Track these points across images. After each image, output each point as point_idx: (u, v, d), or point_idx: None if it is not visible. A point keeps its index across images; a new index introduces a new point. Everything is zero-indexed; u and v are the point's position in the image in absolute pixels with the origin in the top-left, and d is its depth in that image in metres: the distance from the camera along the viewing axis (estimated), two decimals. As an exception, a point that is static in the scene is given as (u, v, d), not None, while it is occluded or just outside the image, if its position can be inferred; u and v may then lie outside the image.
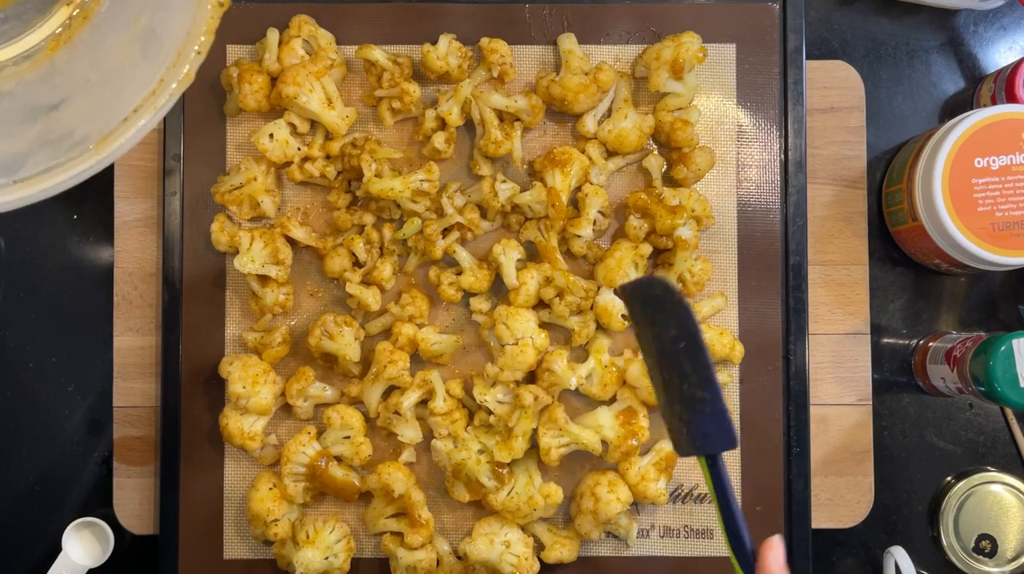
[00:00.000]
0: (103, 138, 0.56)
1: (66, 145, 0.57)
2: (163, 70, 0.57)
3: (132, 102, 0.57)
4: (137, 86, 0.58)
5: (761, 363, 0.75)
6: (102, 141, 0.56)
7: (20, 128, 0.58)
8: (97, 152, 0.56)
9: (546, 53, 0.76)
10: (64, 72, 0.60)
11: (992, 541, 0.76)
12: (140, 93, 0.58)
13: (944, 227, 0.69)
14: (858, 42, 0.79)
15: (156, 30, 0.59)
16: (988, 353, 0.67)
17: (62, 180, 0.56)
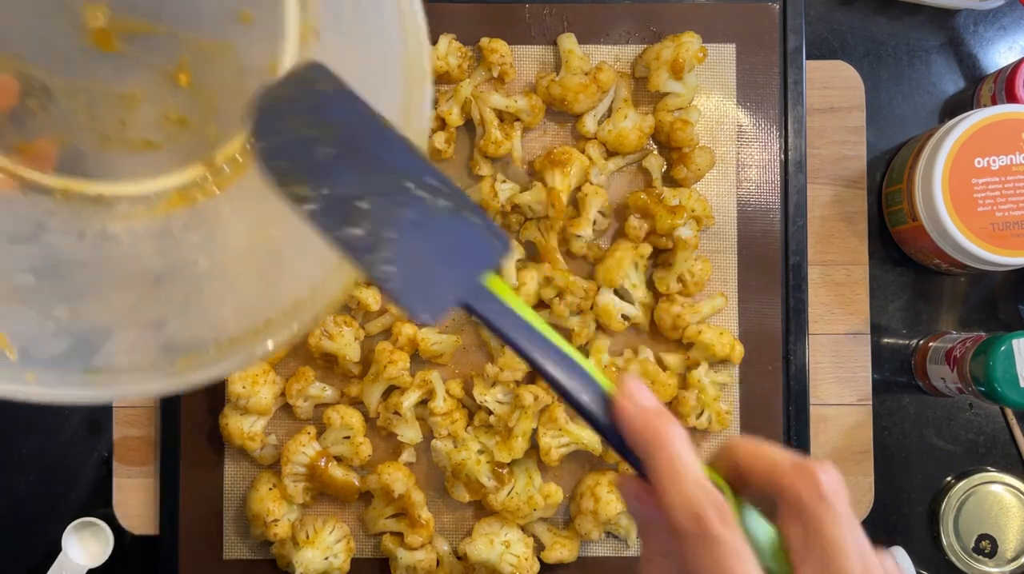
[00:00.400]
0: (188, 356, 0.47)
1: (152, 342, 0.48)
2: (271, 308, 0.47)
3: (228, 321, 0.48)
4: (240, 300, 0.49)
5: (761, 363, 0.75)
6: (186, 360, 0.47)
7: (114, 288, 0.50)
8: (174, 374, 0.46)
9: (546, 53, 0.76)
10: (176, 239, 0.53)
11: (992, 541, 0.76)
12: (241, 316, 0.48)
13: (944, 227, 0.69)
14: (858, 42, 0.79)
15: (284, 254, 0.50)
16: (988, 353, 0.67)
17: (130, 389, 0.46)
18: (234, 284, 0.51)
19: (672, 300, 0.74)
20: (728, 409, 0.74)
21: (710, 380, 0.74)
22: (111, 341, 0.47)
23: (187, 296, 0.51)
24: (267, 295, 0.50)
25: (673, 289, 0.74)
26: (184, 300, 0.51)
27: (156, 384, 0.46)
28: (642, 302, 0.75)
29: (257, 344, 0.47)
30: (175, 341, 0.48)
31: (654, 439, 0.36)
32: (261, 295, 0.50)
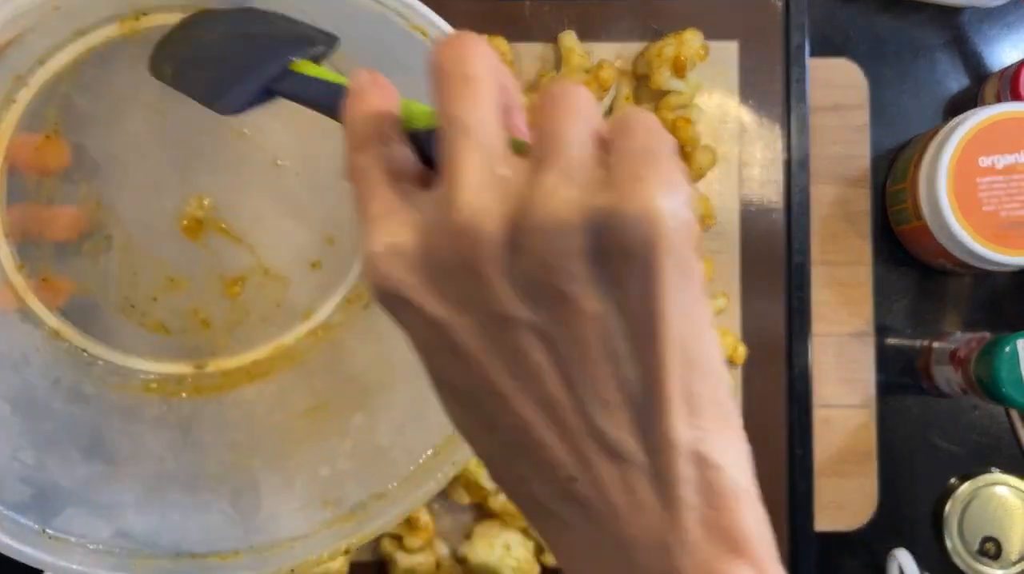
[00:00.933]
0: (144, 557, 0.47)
1: (106, 525, 0.48)
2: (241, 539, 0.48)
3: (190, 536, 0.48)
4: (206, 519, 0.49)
5: (764, 364, 0.75)
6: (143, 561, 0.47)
7: (77, 452, 0.50)
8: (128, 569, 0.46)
9: (546, 51, 0.76)
10: (144, 427, 0.52)
11: (996, 543, 0.76)
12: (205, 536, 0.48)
13: (948, 226, 0.69)
14: (862, 40, 0.79)
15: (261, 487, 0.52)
16: (993, 354, 0.67)
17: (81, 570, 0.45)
18: (204, 501, 0.51)
19: (674, 300, 0.73)
20: (730, 410, 0.74)
21: (712, 381, 0.73)
22: (72, 509, 0.47)
23: (150, 491, 0.50)
24: (239, 524, 0.50)
25: (675, 289, 0.73)
26: (146, 494, 0.50)
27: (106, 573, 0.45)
28: (643, 302, 0.74)
29: (217, 570, 0.47)
30: (131, 533, 0.47)
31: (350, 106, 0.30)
32: (232, 522, 0.50)
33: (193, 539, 0.49)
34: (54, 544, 0.45)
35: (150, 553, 0.47)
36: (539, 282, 0.25)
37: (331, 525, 0.50)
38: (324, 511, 0.50)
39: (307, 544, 0.48)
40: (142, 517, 0.49)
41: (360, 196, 0.28)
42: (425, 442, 0.49)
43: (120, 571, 0.46)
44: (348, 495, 0.50)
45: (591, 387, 0.25)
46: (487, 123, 0.26)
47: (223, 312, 0.55)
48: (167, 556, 0.47)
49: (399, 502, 0.49)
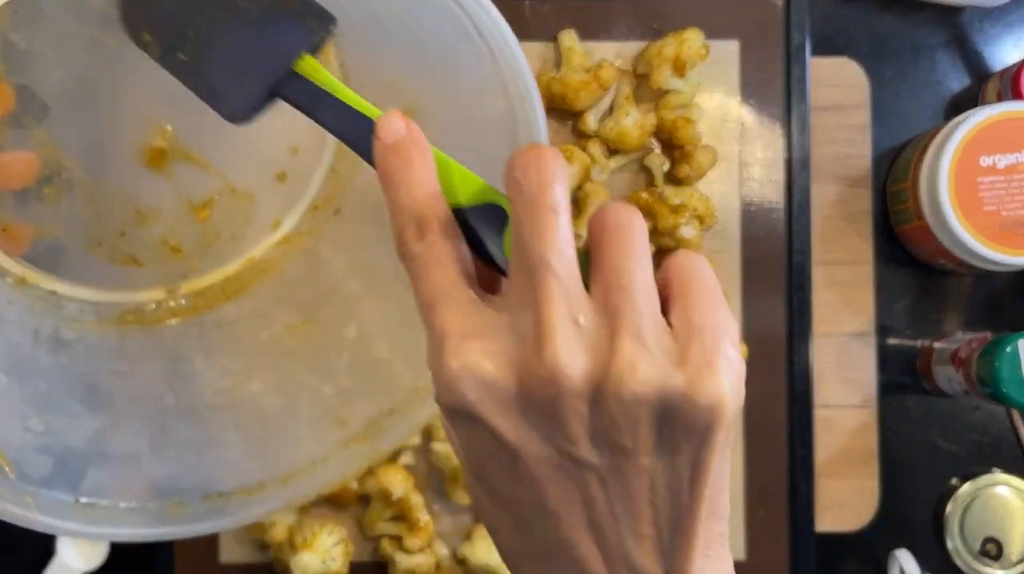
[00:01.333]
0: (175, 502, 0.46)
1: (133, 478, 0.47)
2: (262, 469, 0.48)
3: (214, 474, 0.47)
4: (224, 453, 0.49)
5: (764, 364, 0.75)
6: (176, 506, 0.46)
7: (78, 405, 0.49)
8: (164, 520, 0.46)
9: (547, 50, 0.76)
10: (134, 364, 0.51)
11: (998, 544, 0.76)
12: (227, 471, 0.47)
13: (949, 226, 0.68)
14: (862, 39, 0.79)
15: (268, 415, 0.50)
16: (994, 354, 0.67)
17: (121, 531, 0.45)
18: (214, 434, 0.50)
19: (674, 300, 0.73)
20: (731, 411, 0.73)
21: (713, 381, 0.73)
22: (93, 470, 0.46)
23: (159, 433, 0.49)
24: (255, 455, 0.49)
25: (675, 289, 0.73)
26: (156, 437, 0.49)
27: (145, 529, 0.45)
28: (644, 302, 0.74)
29: (247, 506, 0.47)
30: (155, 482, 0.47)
31: (384, 175, 0.32)
32: (248, 453, 0.49)
33: (216, 477, 0.48)
34: (89, 511, 0.44)
35: (179, 499, 0.46)
36: (607, 434, 0.28)
37: (347, 445, 0.48)
38: (336, 431, 0.49)
39: (328, 467, 0.48)
40: (160, 463, 0.48)
41: (425, 294, 0.30)
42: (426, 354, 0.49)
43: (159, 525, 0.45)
44: (357, 413, 0.49)
45: (631, 521, 0.29)
46: (571, 264, 0.29)
47: (193, 237, 0.53)
48: (196, 500, 0.47)
49: (409, 416, 0.48)
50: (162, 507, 0.47)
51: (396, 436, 0.49)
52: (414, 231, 0.30)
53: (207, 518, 0.47)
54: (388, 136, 0.32)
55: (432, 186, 0.31)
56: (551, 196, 0.29)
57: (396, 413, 0.49)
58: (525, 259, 0.29)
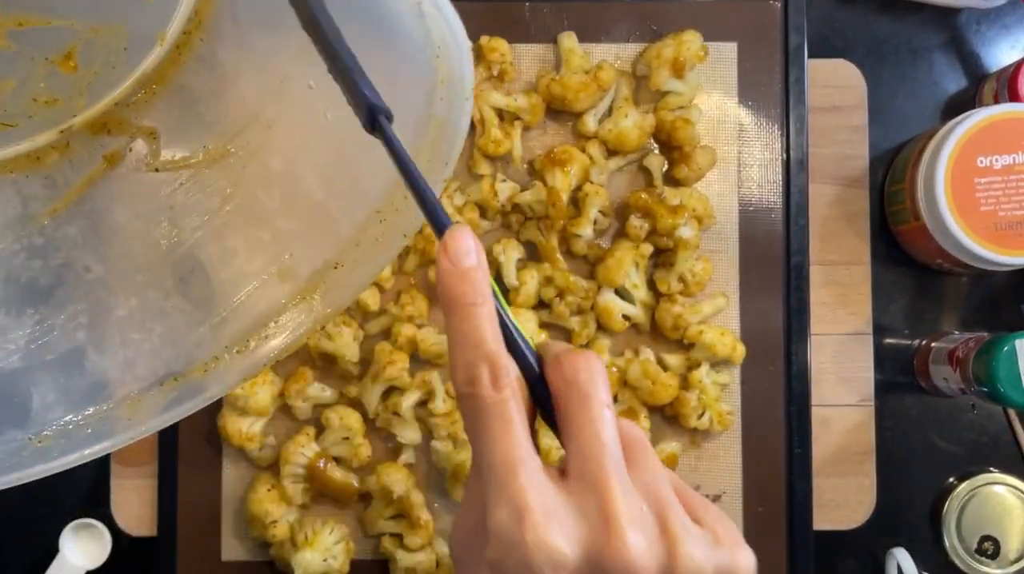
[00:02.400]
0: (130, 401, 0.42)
1: (78, 386, 0.43)
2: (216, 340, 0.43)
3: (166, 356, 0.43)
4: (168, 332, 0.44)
5: (762, 363, 0.75)
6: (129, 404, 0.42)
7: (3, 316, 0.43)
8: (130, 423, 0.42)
9: (546, 52, 0.76)
10: (47, 234, 0.45)
11: (995, 542, 0.76)
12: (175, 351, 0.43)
13: (946, 227, 0.69)
14: (860, 41, 0.79)
15: (204, 266, 0.46)
16: (991, 353, 0.67)
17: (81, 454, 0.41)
18: (154, 302, 0.45)
19: (673, 300, 0.73)
20: (729, 410, 0.74)
21: (711, 380, 0.73)
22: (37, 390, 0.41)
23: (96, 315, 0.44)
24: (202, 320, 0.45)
25: (674, 289, 0.73)
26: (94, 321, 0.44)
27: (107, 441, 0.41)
28: (643, 302, 0.74)
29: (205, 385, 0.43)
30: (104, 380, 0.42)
31: (454, 299, 0.33)
32: (195, 319, 0.45)
33: (167, 356, 0.44)
34: (48, 443, 0.40)
35: (135, 392, 0.43)
36: None
37: (296, 301, 0.45)
38: (283, 285, 0.45)
39: (280, 328, 0.44)
40: (105, 356, 0.43)
41: (502, 453, 0.32)
42: (364, 203, 0.44)
43: (120, 433, 0.41)
44: (300, 263, 0.44)
45: None
46: (618, 447, 0.33)
47: (66, 85, 0.46)
48: (152, 387, 0.43)
49: (356, 269, 0.45)
50: (118, 409, 0.43)
51: (346, 292, 0.45)
52: (489, 376, 0.32)
53: (169, 408, 0.44)
54: (459, 259, 0.33)
55: (497, 328, 0.33)
56: (598, 390, 0.33)
57: (342, 267, 0.45)
58: (585, 453, 0.33)
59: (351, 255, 0.46)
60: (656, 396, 0.72)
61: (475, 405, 0.33)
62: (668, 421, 0.75)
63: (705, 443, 0.75)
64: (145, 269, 0.46)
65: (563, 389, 0.33)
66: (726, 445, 0.75)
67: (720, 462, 0.75)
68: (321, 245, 0.46)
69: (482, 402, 0.33)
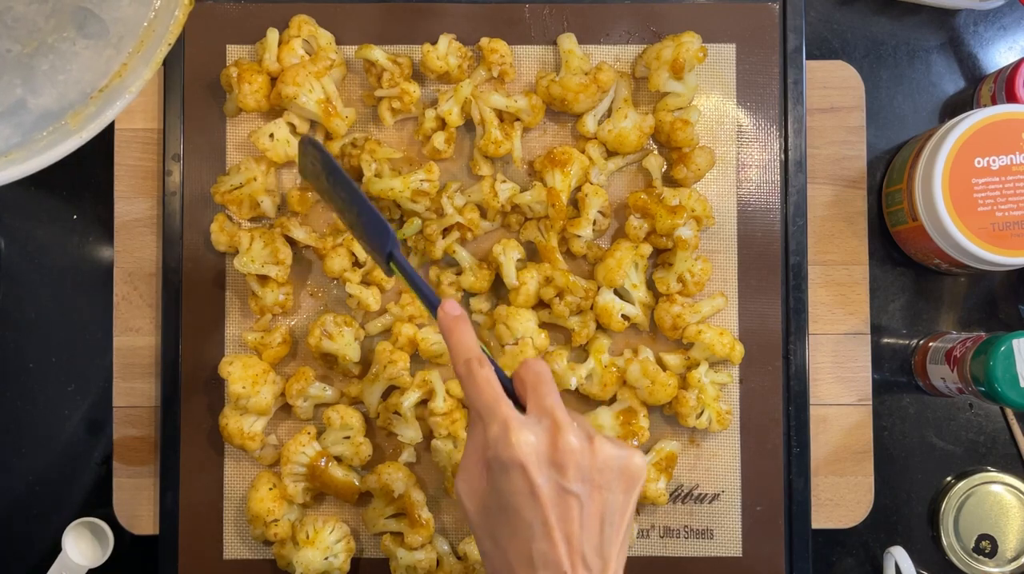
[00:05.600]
0: (74, 113, 0.60)
1: (27, 119, 0.60)
2: (121, 54, 0.62)
3: (87, 80, 0.61)
4: (84, 64, 0.62)
5: (761, 363, 0.75)
6: (74, 116, 0.59)
7: None
8: (74, 131, 0.59)
9: (546, 53, 0.76)
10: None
11: (992, 541, 0.76)
12: (94, 73, 0.61)
13: (944, 227, 0.69)
14: (858, 42, 0.79)
15: (92, 10, 0.62)
16: (988, 353, 0.67)
17: (43, 159, 0.57)
18: (62, 51, 0.63)
19: (672, 300, 0.74)
20: (728, 409, 0.74)
21: (710, 380, 0.74)
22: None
23: (25, 77, 0.63)
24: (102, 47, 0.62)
25: (673, 289, 0.74)
26: (25, 81, 0.62)
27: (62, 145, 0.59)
28: (642, 302, 0.75)
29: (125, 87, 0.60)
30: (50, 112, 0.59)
31: (448, 330, 0.57)
32: (97, 49, 0.63)
33: (87, 80, 0.61)
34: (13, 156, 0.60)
35: (73, 110, 0.60)
36: (589, 476, 0.53)
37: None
38: None
39: (161, 20, 0.61)
40: (42, 97, 0.60)
41: (488, 396, 0.54)
42: None
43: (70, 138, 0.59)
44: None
45: (588, 533, 0.52)
46: (559, 397, 0.55)
47: None
48: (85, 103, 0.60)
49: None
50: (66, 124, 0.60)
51: None
52: (477, 362, 0.55)
53: (103, 110, 0.60)
54: (452, 311, 0.58)
55: (477, 342, 0.57)
56: (548, 374, 0.56)
57: None
58: (540, 397, 0.54)
59: None
60: (655, 395, 0.72)
61: (471, 377, 0.55)
62: (667, 420, 0.75)
63: (704, 442, 0.75)
64: (51, 32, 0.62)
65: (527, 373, 0.55)
66: (725, 444, 0.75)
67: (719, 461, 0.75)
68: None
69: (474, 374, 0.55)
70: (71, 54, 0.61)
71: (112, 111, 0.60)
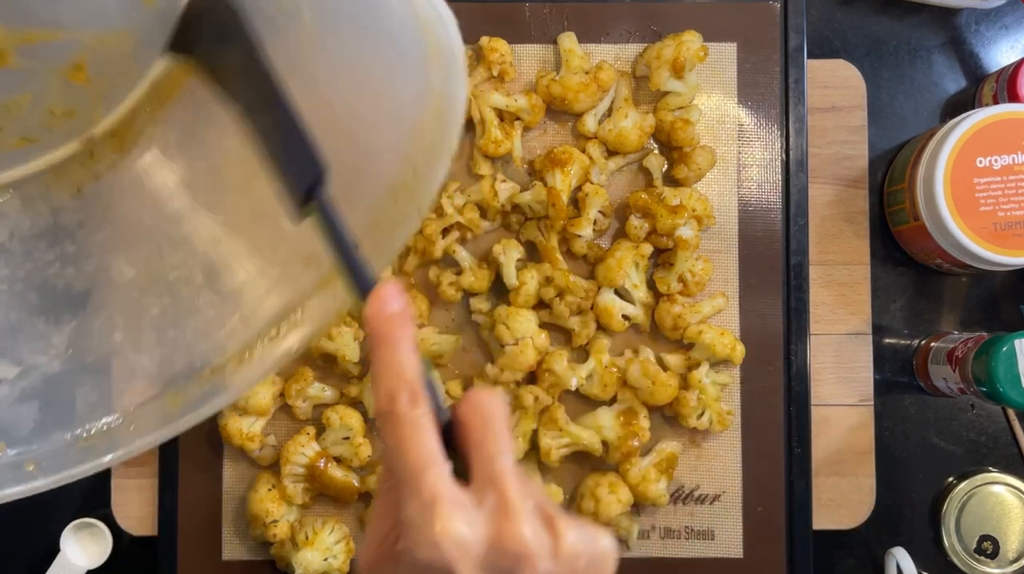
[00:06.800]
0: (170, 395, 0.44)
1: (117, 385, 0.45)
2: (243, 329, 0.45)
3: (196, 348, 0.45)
4: (197, 321, 0.45)
5: (762, 363, 0.75)
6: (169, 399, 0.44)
7: (37, 318, 0.44)
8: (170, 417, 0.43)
9: (546, 52, 0.76)
10: (78, 242, 0.47)
11: (994, 542, 0.76)
12: (207, 341, 0.45)
13: (946, 227, 0.69)
14: (859, 41, 0.79)
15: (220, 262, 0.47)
16: (990, 353, 0.67)
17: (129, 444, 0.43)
18: (185, 298, 0.46)
19: (673, 300, 0.73)
20: (729, 409, 0.74)
21: (711, 380, 0.73)
22: (80, 391, 0.43)
23: (131, 316, 0.46)
24: (233, 311, 0.46)
25: (674, 289, 0.74)
26: (129, 322, 0.45)
27: (150, 436, 0.42)
28: (643, 302, 0.74)
29: (241, 374, 0.44)
30: (146, 375, 0.44)
31: (378, 336, 0.39)
32: (225, 312, 0.46)
33: (202, 351, 0.46)
34: (94, 442, 0.41)
35: (174, 389, 0.44)
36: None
37: (322, 286, 0.46)
38: (307, 271, 0.46)
39: (308, 313, 0.46)
40: (143, 352, 0.45)
41: (416, 455, 0.37)
42: (377, 182, 0.46)
43: (163, 425, 0.43)
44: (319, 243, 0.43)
45: None
46: (513, 457, 0.38)
47: (80, 96, 0.46)
48: (190, 383, 0.45)
49: (374, 252, 0.45)
50: (160, 404, 0.44)
51: (380, 255, 0.47)
52: (408, 397, 0.38)
53: (206, 400, 0.46)
54: (388, 304, 0.39)
55: (417, 360, 0.39)
56: (500, 418, 0.39)
57: (363, 248, 0.45)
58: (487, 459, 0.38)
59: (370, 237, 0.46)
60: (656, 396, 0.72)
61: (395, 420, 0.38)
62: (668, 421, 0.75)
63: (705, 443, 0.75)
64: (175, 267, 0.47)
65: (471, 413, 0.39)
66: (726, 445, 0.75)
67: (720, 462, 0.75)
68: None
69: (401, 417, 0.38)
70: (190, 305, 0.46)
71: (213, 405, 0.45)
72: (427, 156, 0.46)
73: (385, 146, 0.42)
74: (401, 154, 0.46)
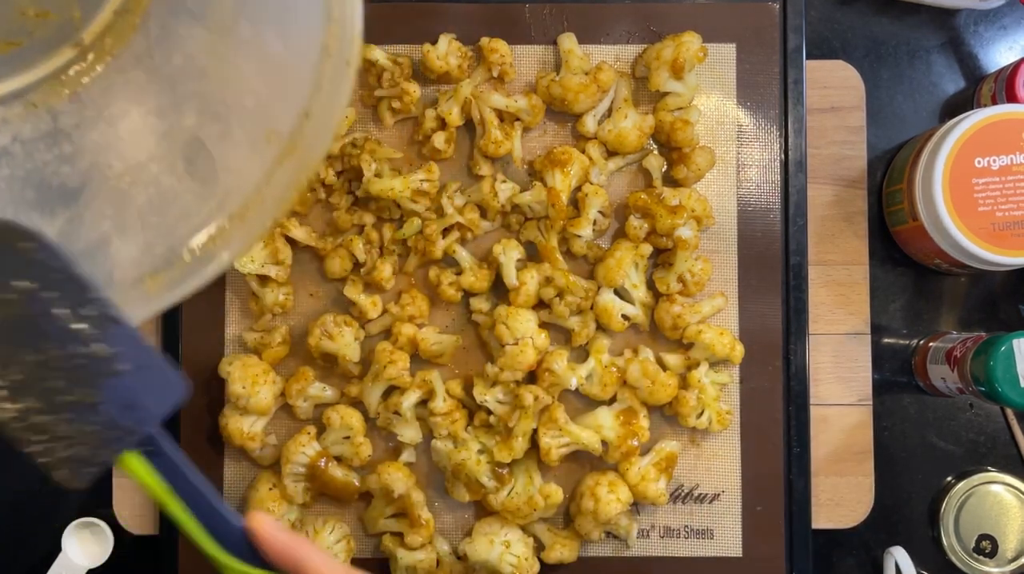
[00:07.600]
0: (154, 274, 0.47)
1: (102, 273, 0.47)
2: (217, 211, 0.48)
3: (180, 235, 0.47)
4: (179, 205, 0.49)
5: (761, 363, 0.75)
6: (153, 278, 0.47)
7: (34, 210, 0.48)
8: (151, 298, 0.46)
9: (546, 53, 0.76)
10: (74, 142, 0.50)
11: (992, 541, 0.76)
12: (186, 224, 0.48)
13: (944, 227, 0.69)
14: (858, 42, 0.79)
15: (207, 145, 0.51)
16: (988, 353, 0.67)
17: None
18: (167, 187, 0.50)
19: (672, 300, 0.73)
20: (728, 409, 0.74)
21: (710, 380, 0.74)
22: None
23: (119, 206, 0.49)
24: (209, 195, 0.49)
25: (673, 289, 0.74)
26: (118, 212, 0.49)
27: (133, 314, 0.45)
28: (642, 302, 0.75)
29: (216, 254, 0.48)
30: (131, 261, 0.47)
31: (298, 560, 0.46)
32: (203, 195, 0.49)
33: (181, 235, 0.49)
34: None
35: (153, 271, 0.48)
36: None
37: (282, 161, 0.48)
38: (269, 146, 0.49)
39: (272, 189, 0.49)
40: (128, 240, 0.48)
41: None
42: (314, 43, 0.48)
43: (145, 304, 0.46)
44: (280, 121, 0.48)
45: None
46: None
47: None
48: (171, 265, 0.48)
49: (323, 118, 0.49)
50: (143, 288, 0.47)
51: (318, 142, 0.49)
52: None
53: (186, 279, 0.49)
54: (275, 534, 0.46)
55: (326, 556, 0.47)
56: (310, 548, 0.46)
57: (311, 116, 0.49)
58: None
59: (317, 101, 0.49)
60: (655, 396, 0.72)
61: None
62: (667, 420, 0.75)
63: (704, 442, 0.75)
64: (157, 159, 0.51)
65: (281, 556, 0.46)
66: (725, 444, 0.75)
67: (719, 461, 0.75)
68: (292, 98, 0.49)
69: None
70: (172, 194, 0.50)
71: (190, 285, 0.48)
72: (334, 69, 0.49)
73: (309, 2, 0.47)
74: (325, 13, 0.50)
